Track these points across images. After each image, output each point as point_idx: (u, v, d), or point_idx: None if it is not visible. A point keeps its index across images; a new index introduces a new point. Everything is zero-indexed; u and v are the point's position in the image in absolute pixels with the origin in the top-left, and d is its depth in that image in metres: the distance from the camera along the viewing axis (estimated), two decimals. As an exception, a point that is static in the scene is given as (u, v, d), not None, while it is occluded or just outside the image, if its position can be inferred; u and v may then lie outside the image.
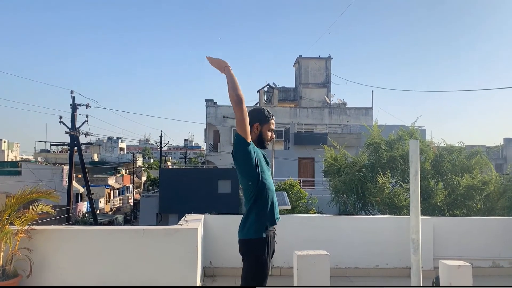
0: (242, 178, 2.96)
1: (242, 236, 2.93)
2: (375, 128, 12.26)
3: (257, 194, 2.92)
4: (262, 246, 2.86)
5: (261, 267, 2.85)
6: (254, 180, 2.91)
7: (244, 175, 2.94)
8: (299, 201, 15.53)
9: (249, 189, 2.94)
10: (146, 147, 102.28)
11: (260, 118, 3.07)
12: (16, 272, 4.61)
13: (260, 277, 2.86)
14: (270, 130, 3.09)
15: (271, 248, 2.94)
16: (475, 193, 11.03)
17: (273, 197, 3.01)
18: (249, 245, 2.89)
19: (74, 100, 22.83)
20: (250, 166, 2.89)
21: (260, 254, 2.85)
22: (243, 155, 2.89)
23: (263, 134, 3.06)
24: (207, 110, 36.24)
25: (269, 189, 2.98)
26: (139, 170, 62.32)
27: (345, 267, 6.47)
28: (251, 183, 2.92)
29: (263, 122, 3.07)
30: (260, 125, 3.06)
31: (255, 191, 2.92)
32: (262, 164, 2.99)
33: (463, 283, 4.96)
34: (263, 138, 3.07)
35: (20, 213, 4.86)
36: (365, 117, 35.06)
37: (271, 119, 3.11)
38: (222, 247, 6.18)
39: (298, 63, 40.78)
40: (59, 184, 31.23)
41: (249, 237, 2.89)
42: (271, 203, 2.97)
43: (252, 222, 2.89)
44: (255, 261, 2.86)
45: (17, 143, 57.61)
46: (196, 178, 24.29)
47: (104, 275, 4.95)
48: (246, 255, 2.91)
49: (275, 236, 3.03)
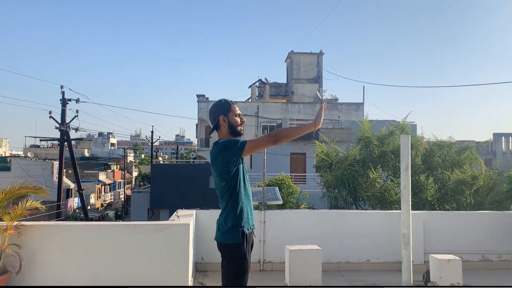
0: (218, 177, 2.95)
1: (219, 240, 2.95)
2: (366, 124, 12.30)
3: (233, 199, 2.91)
4: (241, 251, 2.87)
5: (240, 262, 2.87)
6: (228, 183, 2.90)
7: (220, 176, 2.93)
8: (290, 196, 15.53)
9: (221, 189, 2.94)
10: (137, 143, 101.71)
11: (222, 110, 3.03)
12: (5, 268, 4.56)
13: (240, 272, 2.87)
14: (237, 116, 3.05)
15: (249, 243, 2.95)
16: (465, 188, 11.14)
17: (249, 204, 3.01)
18: (226, 249, 2.90)
19: (64, 94, 22.59)
20: (228, 172, 2.88)
21: (238, 252, 2.87)
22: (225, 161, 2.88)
23: (232, 122, 3.02)
24: (198, 105, 36.10)
25: (247, 192, 2.98)
26: (130, 166, 62.00)
27: (337, 262, 6.50)
28: (224, 183, 2.91)
29: (227, 111, 3.03)
30: (225, 116, 3.02)
31: (230, 195, 2.91)
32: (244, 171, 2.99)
33: (453, 277, 5.01)
34: (235, 125, 3.03)
35: (9, 209, 4.81)
36: (356, 112, 35.15)
37: (232, 105, 3.06)
38: (214, 243, 6.14)
39: (289, 58, 40.74)
40: (49, 180, 30.98)
41: (227, 242, 2.90)
42: (247, 210, 2.97)
43: (229, 228, 2.89)
44: (234, 258, 2.88)
45: (6, 138, 56.95)
46: (187, 173, 24.19)
47: (95, 271, 4.92)
48: (224, 252, 2.93)
49: (253, 231, 3.04)
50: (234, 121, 3.02)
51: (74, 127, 23.27)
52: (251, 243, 2.99)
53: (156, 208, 23.47)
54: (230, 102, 3.07)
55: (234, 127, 3.01)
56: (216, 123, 3.03)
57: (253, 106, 34.46)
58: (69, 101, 22.77)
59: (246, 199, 2.97)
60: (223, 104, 3.05)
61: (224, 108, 3.03)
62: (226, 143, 2.91)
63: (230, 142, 2.91)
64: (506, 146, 34.60)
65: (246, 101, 38.05)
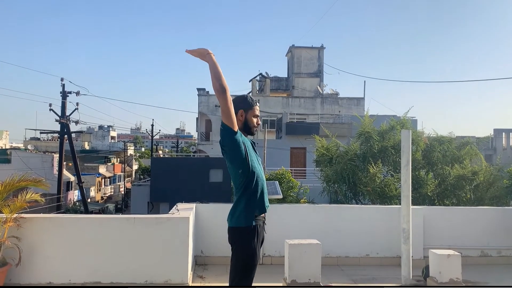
0: (232, 166, 2.95)
1: (232, 224, 2.93)
2: (367, 118, 12.28)
3: (247, 183, 2.91)
4: (251, 235, 2.86)
5: (250, 256, 2.85)
6: (244, 168, 2.90)
7: (233, 164, 2.93)
8: (291, 190, 15.57)
9: (238, 177, 2.93)
10: (138, 136, 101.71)
11: (244, 105, 3.05)
12: (5, 260, 4.56)
13: (249, 266, 2.85)
14: (255, 116, 3.08)
15: (260, 237, 2.94)
16: (465, 183, 11.14)
17: (263, 185, 3.01)
18: (238, 233, 2.89)
19: (64, 87, 22.55)
20: (239, 154, 2.87)
21: (249, 244, 2.85)
22: (230, 144, 2.87)
23: (248, 121, 3.04)
24: (199, 99, 36.05)
25: (259, 177, 2.97)
26: (130, 159, 62.01)
27: (336, 256, 6.51)
28: (241, 171, 2.90)
29: (247, 108, 3.05)
30: (245, 112, 3.04)
31: (244, 180, 2.91)
32: (251, 152, 2.98)
33: (452, 272, 5.01)
34: (249, 125, 3.05)
35: (8, 201, 4.81)
36: (357, 107, 35.11)
37: (255, 105, 3.08)
38: (214, 236, 6.17)
39: (290, 52, 40.62)
40: (50, 173, 30.97)
41: (239, 225, 2.89)
42: (260, 191, 2.97)
43: (241, 210, 2.89)
44: (244, 250, 2.86)
45: (6, 131, 56.99)
46: (187, 167, 24.17)
47: (95, 263, 4.92)
48: (235, 243, 2.91)
49: (264, 226, 3.03)
50: (251, 120, 3.05)
51: (74, 120, 23.28)
52: (261, 238, 2.96)
53: (156, 202, 23.48)
54: (254, 101, 3.10)
55: (249, 126, 3.05)
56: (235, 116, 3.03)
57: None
58: (69, 93, 22.74)
59: (261, 181, 2.97)
60: (247, 100, 3.08)
61: (246, 105, 3.06)
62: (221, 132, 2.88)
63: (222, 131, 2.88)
64: (506, 142, 34.59)
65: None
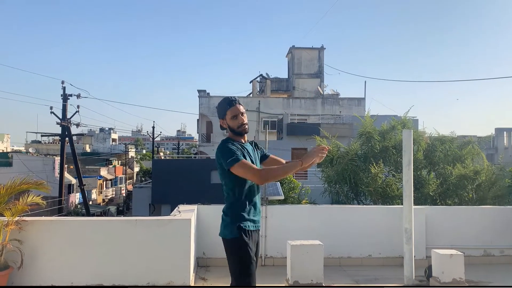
0: (222, 178, 3.04)
1: (220, 235, 3.03)
2: (368, 118, 12.26)
3: (236, 195, 2.97)
4: (239, 244, 2.90)
5: (244, 262, 2.90)
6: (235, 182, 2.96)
7: (224, 178, 3.02)
8: (292, 191, 15.54)
9: (228, 188, 3.01)
10: (139, 138, 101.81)
11: (220, 114, 3.11)
12: (7, 264, 4.56)
13: (245, 272, 2.89)
14: (234, 117, 3.06)
15: (252, 241, 2.95)
16: (467, 183, 11.11)
17: (255, 201, 3.04)
18: (229, 243, 2.96)
19: (65, 90, 22.56)
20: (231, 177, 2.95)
21: (239, 252, 2.90)
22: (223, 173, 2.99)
23: (230, 126, 3.08)
24: (199, 100, 36.06)
25: (250, 191, 3.00)
26: (132, 161, 62.04)
27: (338, 257, 6.49)
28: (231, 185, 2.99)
29: (223, 116, 3.09)
30: (223, 119, 3.10)
31: (231, 191, 2.98)
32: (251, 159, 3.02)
33: (455, 272, 4.99)
34: (232, 128, 3.07)
35: (10, 204, 4.80)
36: (358, 107, 35.08)
37: (228, 109, 3.05)
38: (215, 238, 6.08)
39: (291, 53, 40.62)
40: (51, 175, 30.96)
41: (225, 236, 2.97)
42: (249, 207, 3.00)
43: (228, 222, 2.97)
44: (235, 260, 2.93)
45: (8, 134, 56.99)
46: (188, 169, 24.17)
47: (97, 266, 4.92)
48: (227, 252, 2.98)
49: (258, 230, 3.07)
50: (231, 123, 3.06)
51: (75, 122, 23.30)
52: (254, 241, 2.99)
53: (158, 204, 23.47)
54: (227, 105, 3.06)
55: (233, 129, 3.07)
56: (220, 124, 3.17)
57: (254, 101, 34.39)
58: (70, 96, 22.77)
59: (250, 196, 3.00)
60: (220, 109, 3.10)
61: (220, 113, 3.11)
62: (221, 151, 2.95)
63: (223, 153, 2.92)
64: (508, 141, 34.52)
65: (247, 96, 38.00)
